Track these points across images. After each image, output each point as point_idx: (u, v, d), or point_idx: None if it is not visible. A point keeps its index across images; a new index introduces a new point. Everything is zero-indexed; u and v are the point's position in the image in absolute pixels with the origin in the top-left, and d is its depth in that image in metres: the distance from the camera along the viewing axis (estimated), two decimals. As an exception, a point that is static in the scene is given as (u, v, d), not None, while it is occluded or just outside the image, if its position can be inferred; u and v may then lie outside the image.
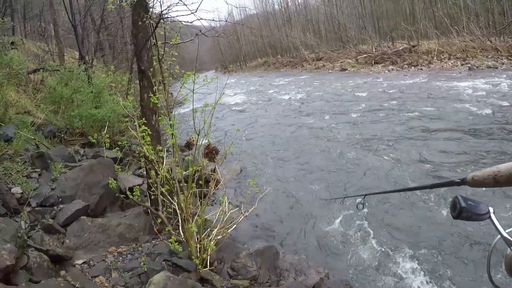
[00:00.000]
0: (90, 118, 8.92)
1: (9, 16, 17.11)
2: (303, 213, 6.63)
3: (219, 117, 16.38)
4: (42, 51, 17.64)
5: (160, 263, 4.30)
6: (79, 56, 13.54)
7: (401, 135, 10.21)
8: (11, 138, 6.60)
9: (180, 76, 5.27)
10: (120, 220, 5.22)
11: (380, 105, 14.84)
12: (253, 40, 66.77)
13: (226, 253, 4.99)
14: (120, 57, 21.84)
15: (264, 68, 57.97)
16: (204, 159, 4.77)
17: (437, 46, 27.78)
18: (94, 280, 4.05)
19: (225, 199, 4.97)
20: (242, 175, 8.98)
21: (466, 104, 12.52)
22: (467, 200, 1.54)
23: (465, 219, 1.55)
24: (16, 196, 5.09)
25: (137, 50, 5.56)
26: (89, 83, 10.17)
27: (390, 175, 7.73)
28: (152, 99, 4.70)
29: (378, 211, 6.30)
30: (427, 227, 5.65)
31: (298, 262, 5.13)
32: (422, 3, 32.79)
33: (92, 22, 18.66)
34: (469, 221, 1.57)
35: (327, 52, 44.37)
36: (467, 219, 1.55)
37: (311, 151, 10.12)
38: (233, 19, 46.87)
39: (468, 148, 8.47)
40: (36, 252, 3.90)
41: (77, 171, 5.90)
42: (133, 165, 8.31)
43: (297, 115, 15.61)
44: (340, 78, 27.38)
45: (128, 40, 19.52)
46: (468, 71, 21.09)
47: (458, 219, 1.55)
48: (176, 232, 4.75)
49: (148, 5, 5.68)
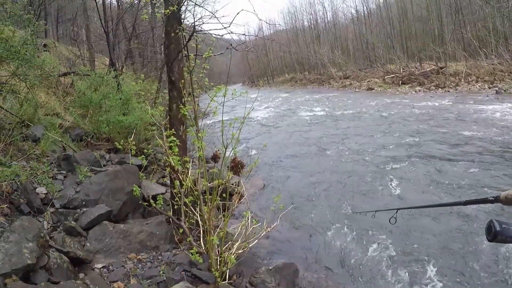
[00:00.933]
0: (117, 124, 9.02)
1: (43, 19, 17.48)
2: (326, 231, 6.52)
3: (244, 131, 16.26)
4: (73, 55, 17.94)
5: (180, 273, 4.29)
6: (110, 62, 13.74)
7: (429, 155, 10.05)
8: (39, 138, 6.71)
9: (208, 88, 5.32)
10: (142, 227, 5.23)
11: (407, 125, 14.69)
12: (281, 55, 67.11)
13: (246, 267, 4.96)
14: (149, 66, 22.10)
15: (291, 84, 58.09)
16: (230, 173, 4.75)
17: (465, 68, 27.46)
18: (112, 285, 4.06)
19: (248, 213, 4.96)
20: (265, 190, 8.94)
21: (494, 127, 12.34)
22: (502, 224, 1.55)
23: (500, 242, 1.56)
24: (41, 196, 5.16)
25: (168, 60, 5.62)
26: (118, 90, 10.29)
27: (419, 192, 7.62)
28: (182, 110, 4.74)
29: (408, 227, 6.16)
30: (461, 248, 5.50)
31: (317, 281, 5.07)
32: (451, 24, 32.56)
33: (124, 29, 18.92)
34: (505, 243, 1.59)
35: (354, 71, 44.27)
36: (502, 242, 1.56)
37: (337, 168, 10.02)
38: (263, 34, 47.15)
39: (498, 170, 8.32)
40: (57, 253, 3.94)
41: (102, 175, 5.94)
42: (157, 173, 8.35)
43: (323, 132, 15.53)
44: (367, 97, 27.25)
45: (158, 49, 19.76)
46: (496, 94, 20.75)
47: (494, 242, 1.57)
48: (197, 243, 4.76)
49: (181, 17, 5.74)
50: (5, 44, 6.30)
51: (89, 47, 18.02)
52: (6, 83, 7.70)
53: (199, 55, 5.27)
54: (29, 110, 7.42)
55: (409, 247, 5.65)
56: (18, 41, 6.69)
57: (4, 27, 6.42)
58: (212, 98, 4.52)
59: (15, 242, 3.48)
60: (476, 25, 30.57)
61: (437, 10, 35.10)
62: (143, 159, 5.98)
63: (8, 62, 6.85)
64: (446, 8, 33.81)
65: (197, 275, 4.23)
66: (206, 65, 5.04)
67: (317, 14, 60.46)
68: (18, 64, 6.82)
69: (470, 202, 2.28)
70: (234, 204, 4.99)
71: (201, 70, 5.03)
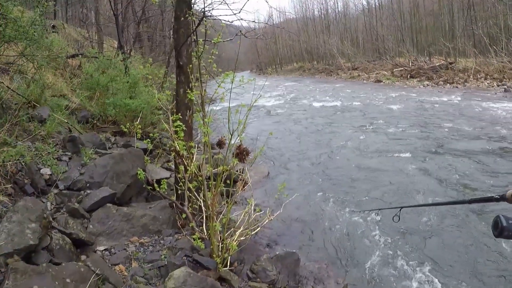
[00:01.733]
0: (124, 107, 9.01)
1: (52, 0, 17.45)
2: (329, 222, 6.52)
3: (251, 118, 16.20)
4: (82, 37, 17.94)
5: (181, 258, 4.29)
6: (118, 45, 13.74)
7: (435, 151, 10.03)
8: (45, 119, 6.71)
9: (216, 74, 5.29)
10: (145, 211, 5.24)
11: (414, 120, 14.66)
12: (290, 44, 66.98)
13: (247, 255, 4.96)
14: (157, 50, 22.07)
15: (299, 73, 57.97)
16: (235, 159, 4.74)
17: (474, 65, 27.32)
18: (114, 268, 4.07)
19: (251, 201, 4.96)
20: (269, 178, 8.95)
21: (500, 125, 12.28)
22: (509, 219, 1.55)
23: (507, 237, 1.57)
24: (45, 177, 5.18)
25: (177, 45, 5.59)
26: (126, 73, 10.29)
27: (424, 190, 7.54)
28: (189, 95, 4.72)
29: (411, 224, 6.13)
30: (463, 244, 5.51)
31: (318, 271, 5.06)
32: (462, 20, 32.33)
33: (133, 13, 18.89)
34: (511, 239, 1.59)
35: (363, 62, 44.10)
36: (508, 238, 1.57)
37: (342, 160, 10.01)
38: (273, 22, 46.96)
39: (504, 168, 8.30)
40: (59, 234, 3.94)
41: (107, 158, 5.94)
42: (162, 158, 8.36)
43: (329, 123, 15.51)
44: (375, 89, 27.15)
45: (167, 34, 19.73)
46: (504, 92, 20.67)
47: (500, 238, 1.57)
48: (200, 229, 4.76)
49: (191, 1, 5.69)
50: (14, 24, 6.28)
51: (98, 29, 17.97)
52: (14, 63, 7.70)
53: (208, 40, 5.23)
54: (36, 90, 7.42)
55: (413, 244, 5.63)
56: (26, 21, 6.66)
57: (13, 7, 6.39)
58: (220, 84, 4.49)
59: (18, 222, 3.48)
60: (487, 22, 30.29)
61: (449, 5, 34.87)
62: (148, 143, 5.97)
63: (16, 42, 6.85)
64: (458, 4, 33.55)
65: (199, 261, 4.23)
66: (215, 51, 5.00)
67: (327, 4, 60.36)
68: (26, 44, 6.81)
69: (475, 201, 2.27)
70: (237, 191, 4.98)
71: (210, 56, 4.99)
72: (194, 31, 5.53)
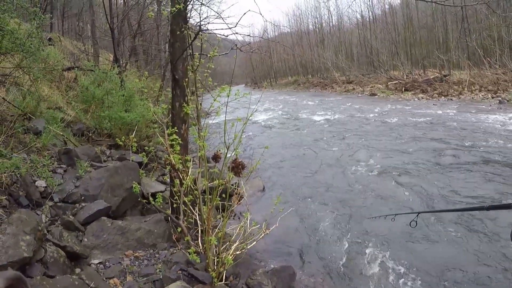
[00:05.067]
0: (119, 120, 9.02)
1: (49, 13, 17.51)
2: (325, 236, 6.49)
3: (246, 132, 16.05)
4: (78, 50, 18.01)
5: (176, 272, 4.28)
6: (114, 58, 13.75)
7: (434, 163, 10.00)
8: (41, 132, 6.72)
9: (212, 88, 5.32)
10: (140, 224, 5.22)
11: (409, 132, 14.62)
12: (285, 58, 67.19)
13: (242, 269, 4.94)
14: (153, 64, 22.14)
15: (294, 86, 58.09)
16: (230, 173, 4.74)
17: (468, 77, 27.40)
18: (108, 281, 4.06)
19: (247, 215, 4.95)
20: (265, 191, 8.94)
21: (496, 137, 12.31)
22: None
23: None
24: (40, 189, 5.17)
25: (173, 58, 5.62)
26: (121, 86, 10.31)
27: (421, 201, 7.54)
28: (185, 108, 4.74)
29: (417, 233, 6.03)
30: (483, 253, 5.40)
31: (314, 285, 5.04)
32: (456, 33, 32.53)
33: (129, 26, 18.97)
34: None
35: (357, 76, 44.19)
36: None
37: (337, 173, 9.99)
38: (267, 36, 47.12)
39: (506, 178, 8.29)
40: (54, 247, 3.94)
41: (102, 171, 5.94)
42: (158, 171, 8.36)
43: (325, 136, 15.49)
44: (370, 102, 27.19)
45: (163, 47, 19.79)
46: (499, 104, 20.71)
47: None
48: (195, 243, 4.75)
49: (187, 16, 5.73)
50: (10, 36, 6.30)
51: (94, 42, 18.06)
52: (10, 75, 7.71)
53: (204, 54, 5.26)
54: (31, 102, 7.43)
55: (413, 256, 5.56)
56: (23, 33, 6.70)
57: (10, 19, 6.42)
58: (215, 98, 4.51)
59: (12, 234, 3.47)
60: (481, 34, 30.53)
61: (443, 18, 35.16)
62: (143, 156, 5.97)
63: (12, 54, 6.87)
64: (452, 16, 33.82)
65: (194, 275, 4.23)
66: (211, 65, 5.03)
67: (322, 18, 60.50)
68: (23, 56, 6.84)
69: (493, 207, 2.27)
70: (233, 205, 4.97)
71: (205, 70, 5.02)
72: (190, 45, 5.55)
